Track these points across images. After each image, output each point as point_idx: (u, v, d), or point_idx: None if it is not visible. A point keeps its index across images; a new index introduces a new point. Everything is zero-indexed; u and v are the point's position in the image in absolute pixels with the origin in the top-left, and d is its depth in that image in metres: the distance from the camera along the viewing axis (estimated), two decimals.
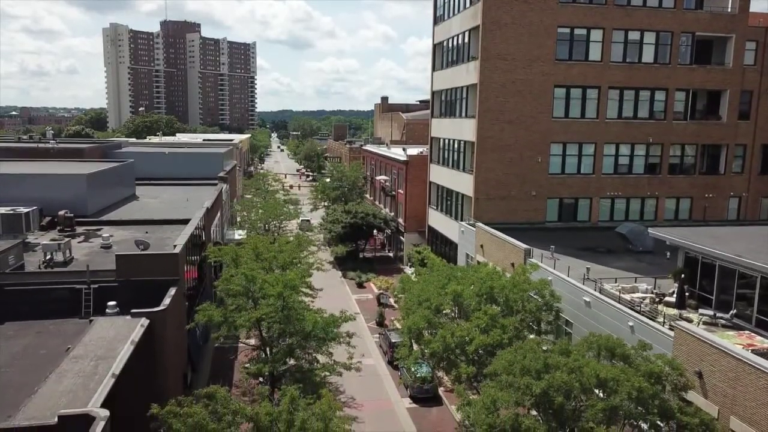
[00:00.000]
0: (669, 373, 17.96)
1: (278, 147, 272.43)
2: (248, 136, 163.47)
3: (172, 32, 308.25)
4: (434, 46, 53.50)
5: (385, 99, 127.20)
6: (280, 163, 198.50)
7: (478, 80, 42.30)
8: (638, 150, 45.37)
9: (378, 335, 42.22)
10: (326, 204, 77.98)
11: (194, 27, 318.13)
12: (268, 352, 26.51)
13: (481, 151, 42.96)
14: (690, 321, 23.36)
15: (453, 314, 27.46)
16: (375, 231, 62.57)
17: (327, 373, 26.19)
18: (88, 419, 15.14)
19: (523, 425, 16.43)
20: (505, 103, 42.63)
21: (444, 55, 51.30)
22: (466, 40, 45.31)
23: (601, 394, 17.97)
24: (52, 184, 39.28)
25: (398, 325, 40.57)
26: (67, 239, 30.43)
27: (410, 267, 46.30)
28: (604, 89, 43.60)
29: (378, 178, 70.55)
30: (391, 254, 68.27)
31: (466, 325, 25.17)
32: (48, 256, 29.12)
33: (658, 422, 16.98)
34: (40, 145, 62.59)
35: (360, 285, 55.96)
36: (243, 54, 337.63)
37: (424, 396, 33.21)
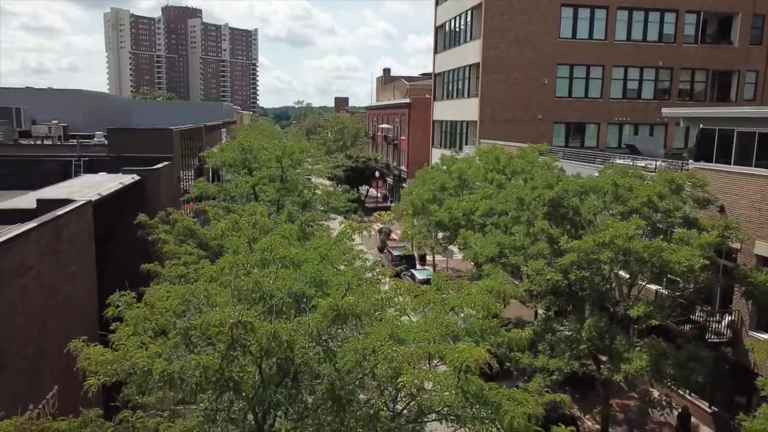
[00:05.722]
0: (690, 192, 16.88)
1: None
2: (249, 113, 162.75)
3: (173, 18, 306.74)
4: None
5: (387, 71, 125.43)
6: None
7: None
8: (647, 74, 44.21)
9: (381, 255, 41.38)
10: (327, 157, 76.83)
11: (196, 13, 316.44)
12: None
13: (486, 71, 41.85)
14: None
15: (457, 192, 26.43)
16: (377, 174, 61.46)
17: None
18: (68, 203, 14.12)
19: (536, 227, 15.34)
20: (511, 22, 41.50)
21: None
22: None
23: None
24: (50, 102, 38.20)
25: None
26: (59, 125, 29.43)
27: None
28: (612, 9, 42.39)
29: (380, 126, 69.51)
30: (392, 205, 67.15)
31: (472, 197, 24.15)
32: (38, 142, 28.16)
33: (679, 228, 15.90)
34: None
35: None
36: (245, 40, 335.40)
37: None
